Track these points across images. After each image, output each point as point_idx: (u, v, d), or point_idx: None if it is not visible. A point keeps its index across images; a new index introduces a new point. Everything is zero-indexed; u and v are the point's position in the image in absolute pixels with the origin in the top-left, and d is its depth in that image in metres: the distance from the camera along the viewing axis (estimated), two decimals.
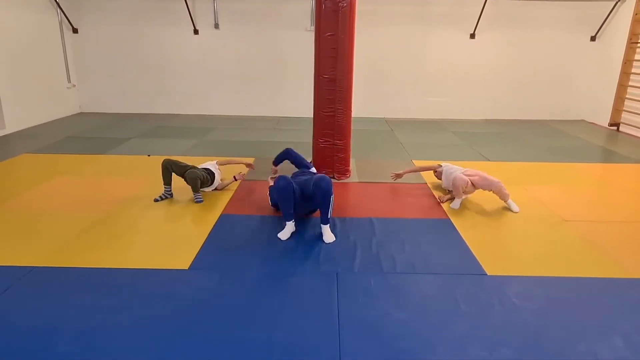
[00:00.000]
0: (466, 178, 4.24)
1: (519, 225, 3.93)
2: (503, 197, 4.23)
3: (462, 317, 2.62)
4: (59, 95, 8.48)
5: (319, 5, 4.51)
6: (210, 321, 2.55)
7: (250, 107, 9.07)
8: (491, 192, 4.28)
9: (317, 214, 3.69)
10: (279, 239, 3.54)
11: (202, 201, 4.28)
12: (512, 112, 9.08)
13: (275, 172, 4.17)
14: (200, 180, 4.30)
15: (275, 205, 4.05)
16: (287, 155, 4.69)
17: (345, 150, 4.97)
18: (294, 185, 3.62)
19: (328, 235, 3.55)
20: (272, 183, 4.19)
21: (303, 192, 3.69)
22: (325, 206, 3.55)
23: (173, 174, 4.33)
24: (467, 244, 3.54)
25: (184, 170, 4.31)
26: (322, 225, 3.59)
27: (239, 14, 8.60)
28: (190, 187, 4.28)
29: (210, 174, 4.49)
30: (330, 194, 3.54)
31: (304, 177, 3.94)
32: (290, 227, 3.61)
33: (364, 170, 5.42)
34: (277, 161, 4.83)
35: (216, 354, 2.30)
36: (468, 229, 3.81)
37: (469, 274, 3.11)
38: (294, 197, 3.59)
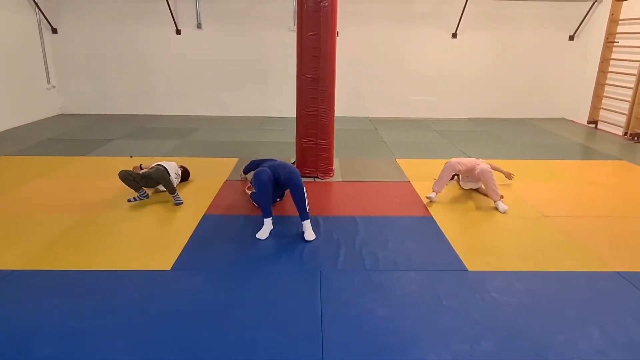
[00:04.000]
0: (457, 166, 4.39)
1: (500, 222, 3.99)
2: (491, 192, 4.25)
3: (444, 312, 2.66)
4: (38, 96, 8.32)
5: (301, 5, 4.52)
6: (193, 321, 2.54)
7: (234, 107, 9.02)
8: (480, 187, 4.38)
9: (296, 212, 3.68)
10: (258, 239, 3.54)
11: (182, 203, 4.24)
12: (494, 111, 9.19)
13: (246, 179, 4.20)
14: (168, 177, 4.29)
15: (256, 201, 4.08)
16: (253, 164, 4.60)
17: (328, 149, 4.99)
18: (272, 177, 3.70)
19: (309, 233, 3.55)
20: (249, 192, 4.32)
21: (276, 179, 3.75)
22: (301, 201, 3.58)
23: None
24: (449, 240, 3.58)
25: (142, 177, 4.26)
26: (302, 222, 3.59)
27: (221, 13, 8.55)
28: (166, 190, 4.28)
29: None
30: (302, 187, 3.61)
31: (274, 162, 4.04)
32: (268, 225, 3.61)
33: (348, 169, 5.44)
34: (246, 170, 4.75)
35: (199, 354, 2.29)
36: (450, 226, 3.86)
37: (451, 270, 3.15)
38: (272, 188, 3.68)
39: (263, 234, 3.58)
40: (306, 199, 3.60)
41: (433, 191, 4.36)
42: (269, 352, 2.31)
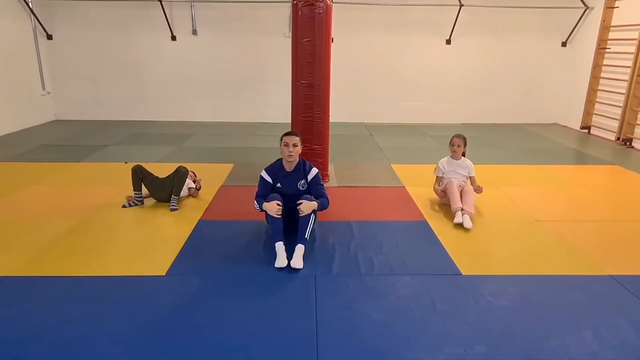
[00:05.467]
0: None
1: (494, 226, 4.01)
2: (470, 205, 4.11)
3: (438, 316, 2.67)
4: (33, 102, 8.31)
5: (296, 12, 4.55)
6: (188, 327, 2.53)
7: (229, 113, 9.04)
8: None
9: None
10: (277, 268, 3.15)
11: (177, 209, 4.23)
12: (488, 116, 9.26)
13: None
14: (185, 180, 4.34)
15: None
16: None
17: (323, 155, 5.00)
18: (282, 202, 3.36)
19: (297, 260, 3.18)
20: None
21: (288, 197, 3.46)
22: (303, 224, 3.33)
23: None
24: (443, 244, 3.60)
25: (153, 178, 4.33)
26: (296, 244, 3.28)
27: (217, 20, 8.59)
28: (173, 190, 4.27)
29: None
30: (309, 214, 3.35)
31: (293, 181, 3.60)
32: (281, 250, 3.23)
33: (343, 174, 5.46)
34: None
35: (194, 359, 2.29)
36: (444, 230, 3.88)
37: (445, 274, 3.17)
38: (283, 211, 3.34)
39: (281, 261, 3.17)
40: (309, 225, 3.34)
41: (457, 210, 4.02)
42: (264, 356, 2.31)
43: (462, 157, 4.50)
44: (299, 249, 3.27)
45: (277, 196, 3.42)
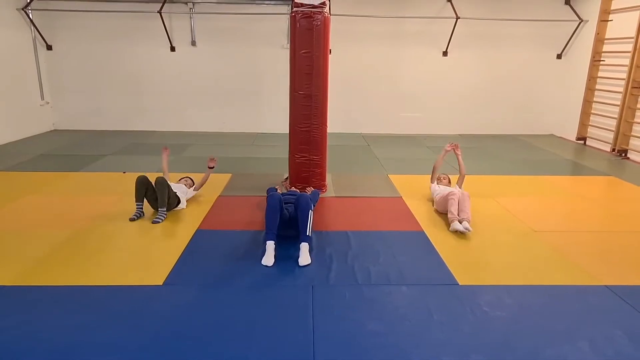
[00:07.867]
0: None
1: (490, 236, 4.03)
2: (463, 214, 4.14)
3: (435, 326, 2.67)
4: (32, 112, 8.33)
5: (294, 23, 4.61)
6: (185, 337, 2.53)
7: (228, 124, 9.08)
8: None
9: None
10: (264, 265, 3.34)
11: (159, 222, 4.10)
12: (485, 127, 9.32)
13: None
14: (169, 195, 4.24)
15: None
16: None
17: (321, 165, 5.03)
18: (282, 204, 3.62)
19: (304, 257, 3.41)
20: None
21: (289, 212, 3.68)
22: (303, 221, 3.52)
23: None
24: (440, 255, 3.61)
25: (153, 190, 4.23)
26: (300, 243, 3.49)
27: (215, 31, 8.67)
28: (157, 200, 4.19)
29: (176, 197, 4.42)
30: (307, 209, 3.55)
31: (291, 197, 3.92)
32: (271, 248, 3.43)
33: (340, 184, 5.48)
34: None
35: None
36: (441, 241, 3.89)
37: (442, 284, 3.17)
38: (280, 214, 3.56)
39: (268, 259, 3.38)
40: (309, 222, 3.53)
41: (454, 220, 4.07)
42: None
43: (456, 186, 4.50)
44: (304, 246, 3.45)
45: (278, 195, 3.66)
